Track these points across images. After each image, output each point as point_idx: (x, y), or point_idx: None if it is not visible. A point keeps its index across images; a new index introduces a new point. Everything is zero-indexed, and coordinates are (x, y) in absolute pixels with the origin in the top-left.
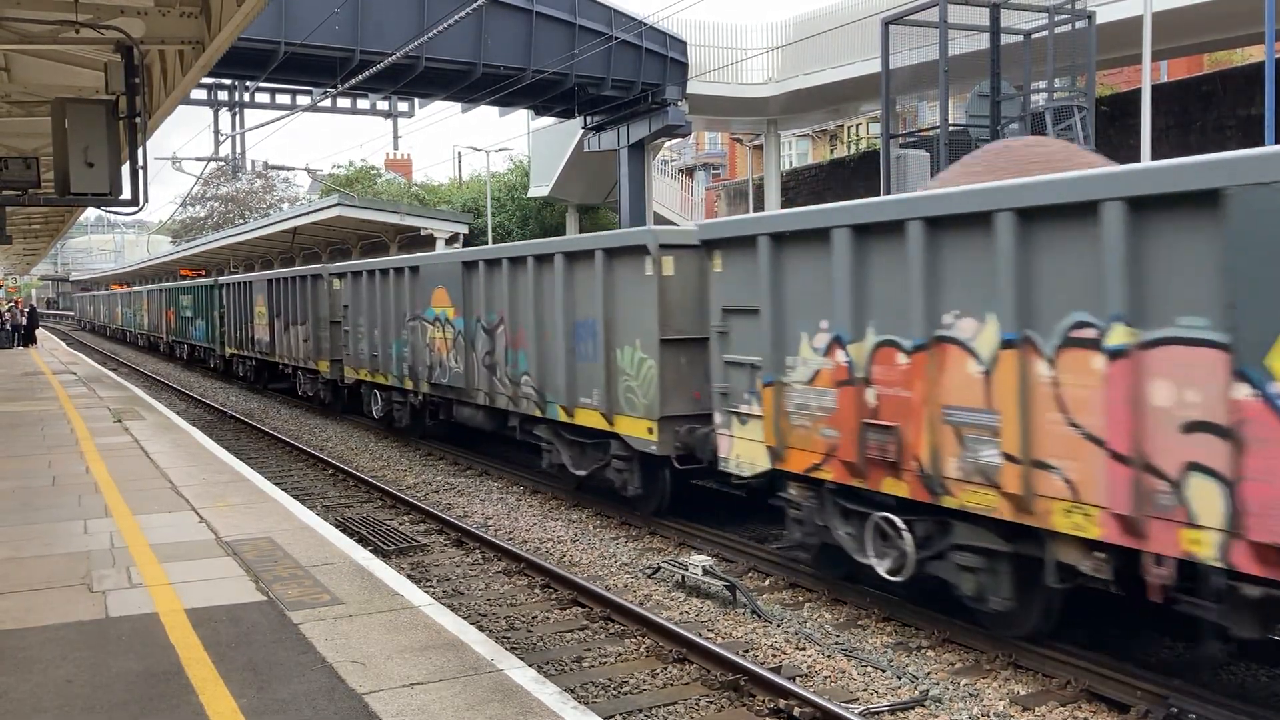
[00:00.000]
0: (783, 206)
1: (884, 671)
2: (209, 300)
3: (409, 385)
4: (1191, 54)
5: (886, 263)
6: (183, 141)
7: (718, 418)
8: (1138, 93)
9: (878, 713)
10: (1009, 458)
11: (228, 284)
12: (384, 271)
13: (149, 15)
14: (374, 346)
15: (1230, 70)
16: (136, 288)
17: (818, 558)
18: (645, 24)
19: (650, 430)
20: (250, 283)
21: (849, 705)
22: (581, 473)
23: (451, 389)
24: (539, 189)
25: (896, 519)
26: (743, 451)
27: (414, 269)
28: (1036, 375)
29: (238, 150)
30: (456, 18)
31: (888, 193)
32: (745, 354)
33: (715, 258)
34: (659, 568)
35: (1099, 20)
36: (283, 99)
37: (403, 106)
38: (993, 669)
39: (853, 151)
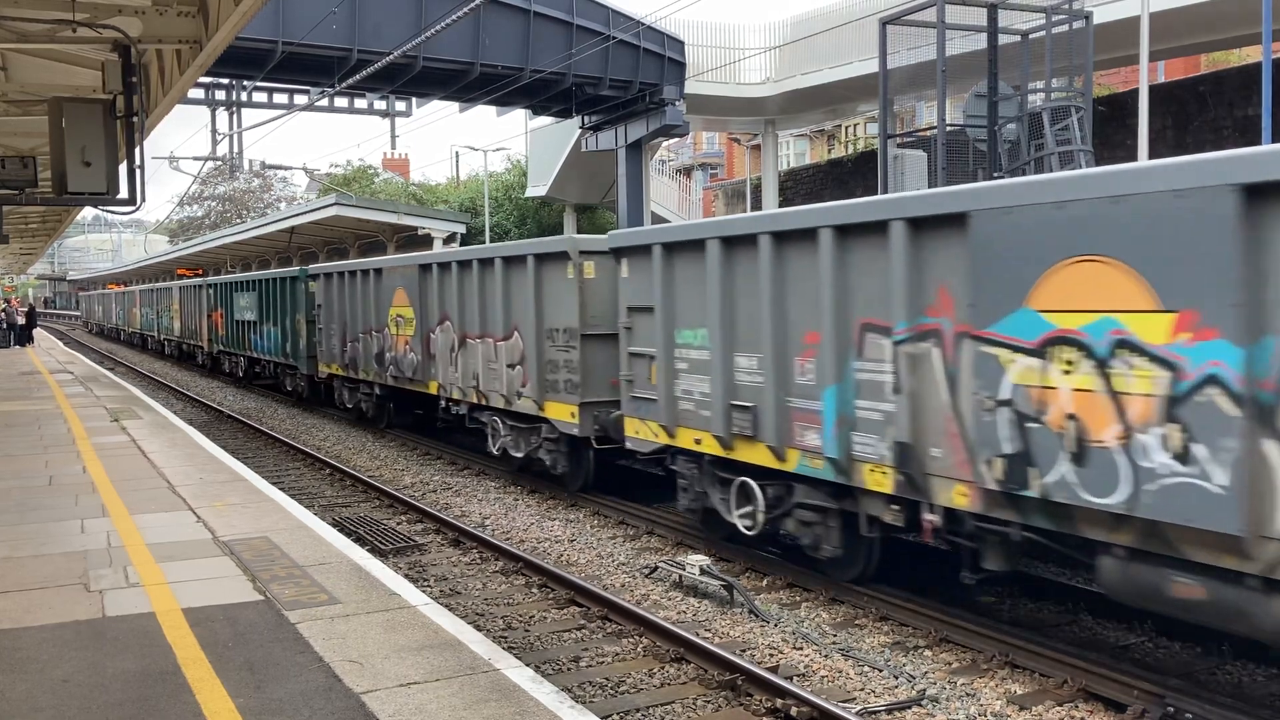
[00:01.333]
0: (781, 206)
1: (881, 671)
2: (288, 298)
3: (878, 482)
4: (1189, 54)
5: None
6: (180, 141)
7: None
8: (1135, 93)
9: (875, 712)
10: None
11: (332, 274)
12: (782, 237)
13: (146, 14)
14: (729, 391)
15: (1227, 70)
16: (165, 283)
17: None
18: (643, 24)
19: None
20: (378, 271)
21: (846, 705)
22: None
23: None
24: (537, 189)
25: None
26: None
27: (949, 220)
28: None
29: (235, 150)
30: (454, 17)
31: (884, 192)
32: None
33: None
34: (656, 567)
35: (1097, 20)
36: (280, 98)
37: (400, 106)
38: (990, 668)
39: (850, 152)
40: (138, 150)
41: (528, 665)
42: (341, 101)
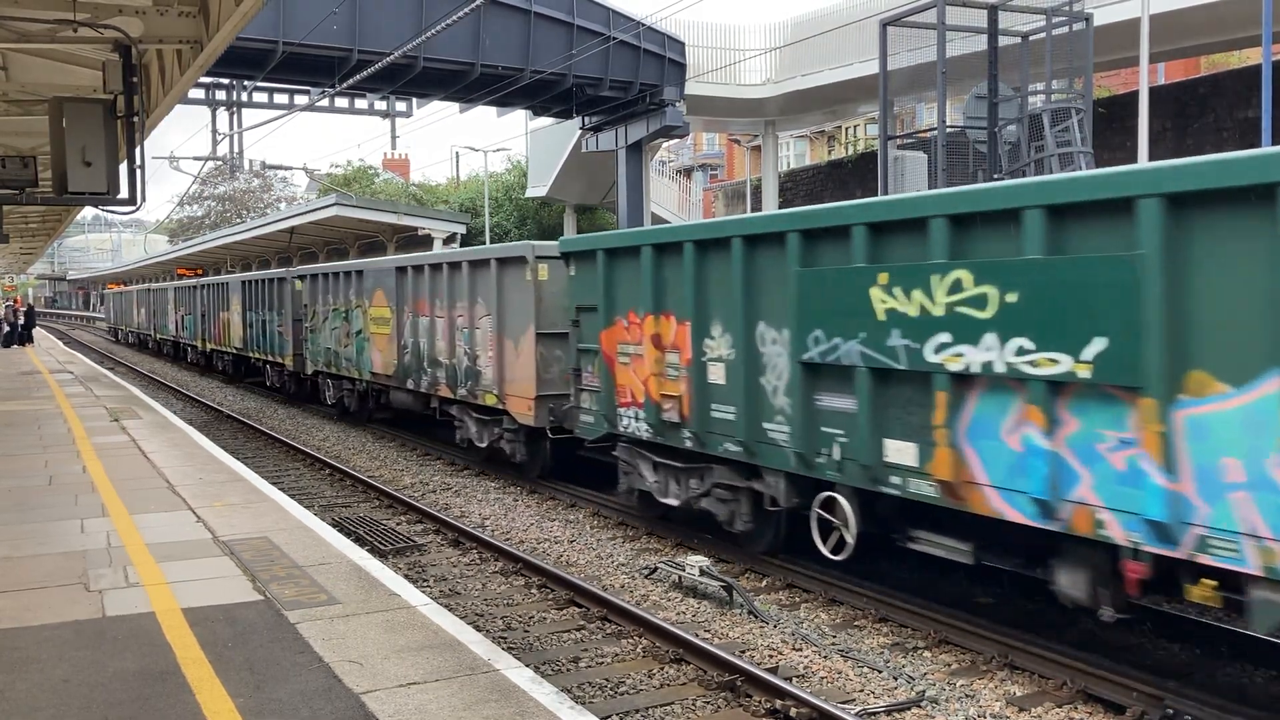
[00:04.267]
0: (780, 207)
1: (880, 672)
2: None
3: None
4: (1189, 56)
5: None
6: (180, 141)
7: None
8: (1135, 95)
9: (874, 713)
10: None
11: None
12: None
13: (147, 14)
14: None
15: (1227, 72)
16: (346, 262)
17: None
18: (643, 25)
19: None
20: None
21: (845, 706)
22: None
23: None
24: (537, 189)
25: None
26: None
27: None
28: None
29: (235, 150)
30: (454, 18)
31: (885, 194)
32: None
33: None
34: (656, 568)
35: (1097, 22)
36: (280, 98)
37: (400, 106)
38: (989, 669)
39: (850, 153)
40: (138, 150)
41: (527, 666)
42: (342, 102)
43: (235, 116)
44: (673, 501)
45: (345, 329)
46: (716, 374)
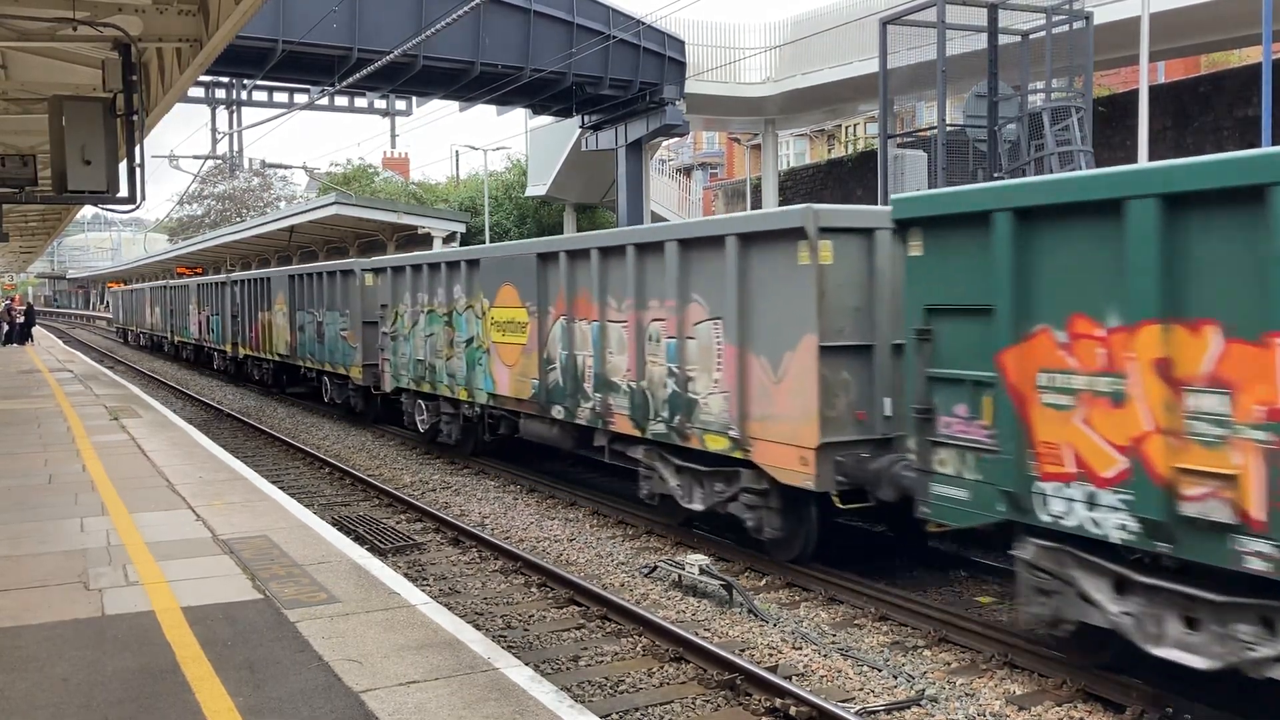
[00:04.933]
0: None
1: (880, 671)
2: None
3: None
4: (1189, 55)
5: None
6: (180, 139)
7: None
8: (1135, 94)
9: (874, 712)
10: None
11: None
12: None
13: (147, 13)
14: None
15: (1227, 71)
16: (451, 251)
17: None
18: (643, 23)
19: None
20: None
21: (845, 704)
22: None
23: None
24: (536, 188)
25: None
26: None
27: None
28: None
29: (235, 148)
30: (454, 16)
31: (885, 194)
32: None
33: None
34: (655, 567)
35: (1097, 21)
36: (280, 97)
37: (400, 105)
38: (989, 668)
39: (850, 152)
40: (137, 149)
41: (527, 664)
42: (341, 100)
43: (235, 115)
44: (1188, 659)
45: (448, 336)
46: None
